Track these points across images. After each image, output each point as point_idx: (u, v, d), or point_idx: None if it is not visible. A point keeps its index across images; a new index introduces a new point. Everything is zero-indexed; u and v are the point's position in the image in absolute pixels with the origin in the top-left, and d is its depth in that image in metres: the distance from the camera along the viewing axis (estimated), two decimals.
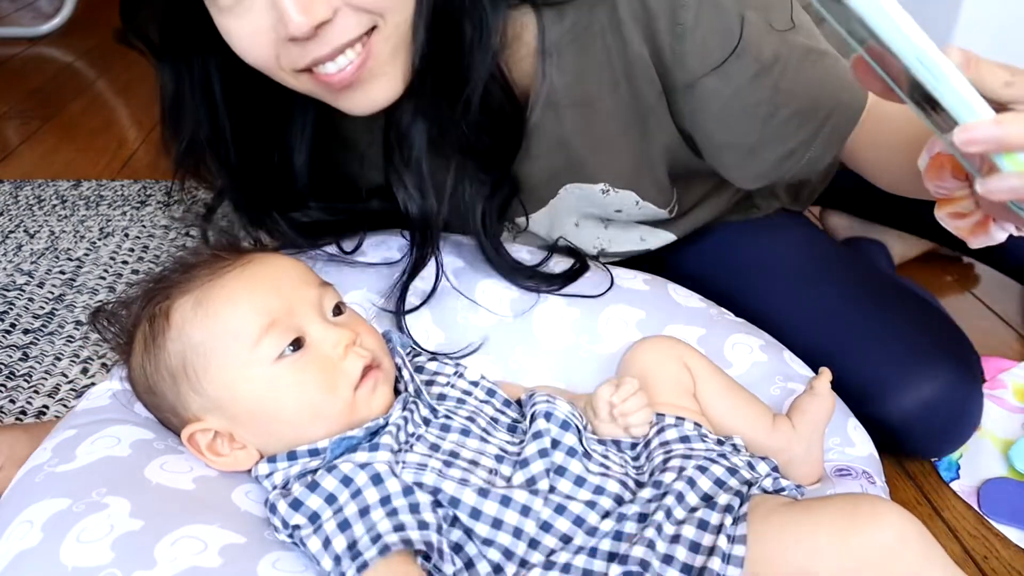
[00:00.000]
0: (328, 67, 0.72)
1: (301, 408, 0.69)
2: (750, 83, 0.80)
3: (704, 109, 0.83)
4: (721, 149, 0.86)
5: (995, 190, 0.51)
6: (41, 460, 0.70)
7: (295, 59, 0.72)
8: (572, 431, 0.71)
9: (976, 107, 0.49)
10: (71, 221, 1.54)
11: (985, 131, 0.48)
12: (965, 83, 0.49)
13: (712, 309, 0.98)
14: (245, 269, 0.72)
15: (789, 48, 0.79)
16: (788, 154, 0.84)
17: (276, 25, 0.69)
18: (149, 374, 0.71)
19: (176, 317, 0.70)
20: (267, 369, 0.68)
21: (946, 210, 0.64)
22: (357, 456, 0.66)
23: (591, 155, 0.90)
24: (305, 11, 0.66)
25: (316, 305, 0.72)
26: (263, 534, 0.66)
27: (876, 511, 0.63)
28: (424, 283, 0.93)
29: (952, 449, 0.98)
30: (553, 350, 0.92)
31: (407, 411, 0.71)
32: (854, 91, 0.81)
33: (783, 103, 0.81)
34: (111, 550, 0.60)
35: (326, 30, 0.69)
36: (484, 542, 0.65)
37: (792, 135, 0.82)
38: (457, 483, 0.65)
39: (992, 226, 0.62)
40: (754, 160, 0.86)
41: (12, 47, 2.56)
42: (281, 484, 0.68)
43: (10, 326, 1.23)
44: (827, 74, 0.81)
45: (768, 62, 0.79)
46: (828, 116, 0.81)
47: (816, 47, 0.81)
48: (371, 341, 0.73)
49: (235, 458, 0.71)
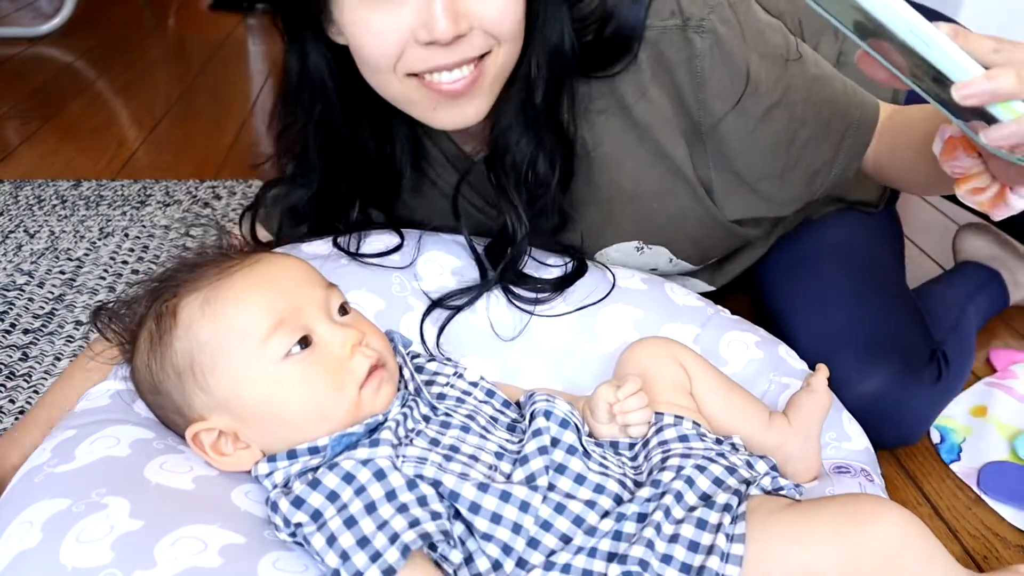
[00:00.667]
0: (443, 76, 0.78)
1: (307, 406, 0.69)
2: (765, 115, 0.87)
3: (730, 147, 0.90)
4: (757, 181, 0.93)
5: (997, 138, 0.56)
6: (40, 460, 0.71)
7: (417, 62, 0.78)
8: (571, 429, 0.71)
9: (968, 67, 0.55)
10: (71, 221, 1.55)
11: (979, 85, 0.54)
12: (955, 48, 0.55)
13: (709, 308, 0.98)
14: (253, 268, 0.72)
15: (797, 79, 0.87)
16: (815, 173, 0.91)
17: (417, 28, 0.75)
18: (155, 372, 0.71)
19: (183, 315, 0.70)
20: (275, 367, 0.69)
21: (965, 187, 0.68)
22: (358, 453, 0.66)
23: (623, 208, 0.96)
24: (454, 20, 0.74)
25: (323, 305, 0.72)
26: (263, 534, 0.66)
27: (876, 511, 0.63)
28: (424, 284, 0.93)
29: (900, 443, 1.00)
30: (551, 350, 0.93)
31: (407, 408, 0.72)
32: (864, 107, 0.89)
33: (800, 128, 0.88)
34: (111, 550, 0.61)
35: (459, 43, 0.76)
36: (484, 536, 0.65)
37: (814, 156, 0.90)
38: (457, 477, 0.66)
39: (1010, 196, 0.66)
40: (785, 185, 0.92)
41: (12, 47, 2.56)
42: (282, 483, 0.68)
43: (10, 326, 1.23)
44: (836, 95, 0.88)
45: (779, 94, 0.86)
46: (845, 133, 0.89)
47: (821, 73, 0.89)
48: (377, 341, 0.74)
49: (239, 458, 0.71)
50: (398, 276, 0.93)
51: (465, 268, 0.95)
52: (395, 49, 0.77)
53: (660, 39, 0.85)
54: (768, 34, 0.87)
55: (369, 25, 0.77)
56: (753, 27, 0.86)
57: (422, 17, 0.74)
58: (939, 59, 0.55)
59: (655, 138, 0.90)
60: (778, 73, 0.86)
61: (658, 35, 0.85)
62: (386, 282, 0.93)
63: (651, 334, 0.91)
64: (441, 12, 0.73)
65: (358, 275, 0.92)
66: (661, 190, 0.93)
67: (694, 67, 0.85)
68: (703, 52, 0.84)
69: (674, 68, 0.86)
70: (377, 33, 0.77)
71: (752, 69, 0.85)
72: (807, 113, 0.88)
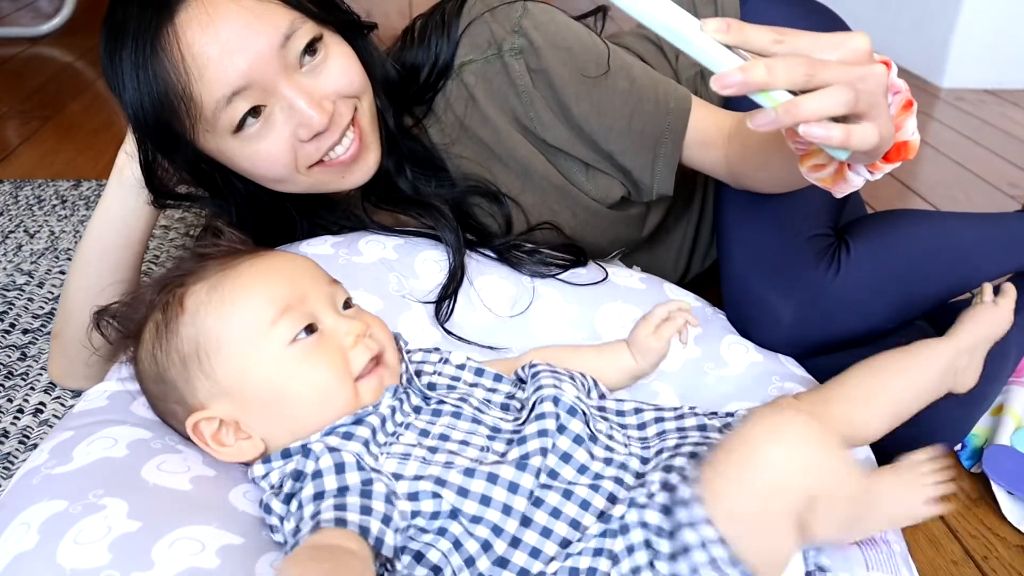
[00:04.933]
0: (337, 150, 0.87)
1: (311, 391, 0.69)
2: (580, 129, 0.95)
3: (565, 151, 0.98)
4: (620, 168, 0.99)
5: (758, 124, 0.60)
6: (38, 462, 0.70)
7: (311, 155, 0.86)
8: (579, 417, 0.70)
9: (724, 60, 0.59)
10: (71, 221, 1.55)
11: (731, 77, 0.57)
12: (711, 43, 0.59)
13: (708, 308, 0.98)
14: (259, 260, 0.74)
15: (607, 92, 0.94)
16: (635, 182, 0.99)
17: (296, 131, 0.83)
18: (160, 360, 0.71)
19: (190, 303, 0.71)
20: (281, 351, 0.69)
21: (807, 164, 0.72)
22: (330, 439, 0.67)
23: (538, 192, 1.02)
24: (320, 108, 0.82)
25: (328, 298, 0.73)
26: (261, 534, 0.66)
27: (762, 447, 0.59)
28: (421, 283, 0.93)
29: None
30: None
31: (396, 399, 0.72)
32: (675, 113, 0.94)
33: (614, 140, 0.95)
34: (109, 551, 0.60)
35: (333, 119, 0.84)
36: (472, 519, 0.64)
37: (632, 164, 0.97)
38: (442, 467, 0.66)
39: (849, 173, 0.70)
40: (634, 173, 0.98)
41: (12, 47, 2.57)
42: (276, 484, 0.68)
43: (9, 326, 1.23)
44: (646, 105, 0.94)
45: (588, 105, 0.94)
46: (659, 139, 0.95)
47: (629, 87, 0.94)
48: (381, 332, 0.75)
49: (240, 448, 0.71)
50: (395, 276, 0.93)
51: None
52: (286, 157, 0.84)
53: (486, 70, 0.95)
54: (576, 51, 0.93)
55: (257, 154, 0.84)
56: (561, 44, 0.93)
57: (294, 122, 0.83)
58: (698, 54, 0.59)
59: (511, 156, 0.98)
60: (587, 90, 0.93)
61: (483, 67, 0.94)
62: (384, 282, 0.93)
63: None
64: (309, 108, 0.82)
65: (357, 275, 0.92)
66: (544, 183, 1.00)
67: (519, 88, 0.94)
68: (522, 72, 0.94)
69: (506, 93, 0.95)
70: (267, 154, 0.84)
71: (564, 82, 0.93)
72: (618, 124, 0.94)
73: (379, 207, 0.99)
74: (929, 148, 2.01)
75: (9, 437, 1.02)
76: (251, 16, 0.79)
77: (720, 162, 0.95)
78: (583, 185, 1.00)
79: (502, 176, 0.99)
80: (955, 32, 2.40)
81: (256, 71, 0.79)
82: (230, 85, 0.79)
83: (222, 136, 0.83)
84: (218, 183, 0.91)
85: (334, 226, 1.01)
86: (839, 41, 0.60)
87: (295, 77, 0.82)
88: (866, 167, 0.69)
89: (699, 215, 1.17)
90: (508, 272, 0.96)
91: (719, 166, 0.96)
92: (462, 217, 0.98)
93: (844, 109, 0.59)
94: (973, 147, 2.03)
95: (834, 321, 0.96)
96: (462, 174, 0.99)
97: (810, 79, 0.58)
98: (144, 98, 0.81)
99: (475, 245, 0.98)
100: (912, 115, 0.68)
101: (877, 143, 0.62)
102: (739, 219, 1.02)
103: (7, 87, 2.25)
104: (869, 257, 0.97)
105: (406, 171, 0.96)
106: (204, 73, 0.78)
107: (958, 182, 1.84)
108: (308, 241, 0.97)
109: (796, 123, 0.59)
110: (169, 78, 0.79)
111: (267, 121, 0.82)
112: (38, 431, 1.03)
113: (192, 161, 0.87)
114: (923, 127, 2.13)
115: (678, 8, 0.59)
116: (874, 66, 0.61)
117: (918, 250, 1.00)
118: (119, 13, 0.81)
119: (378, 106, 0.92)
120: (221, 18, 0.78)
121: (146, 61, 0.79)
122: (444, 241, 0.96)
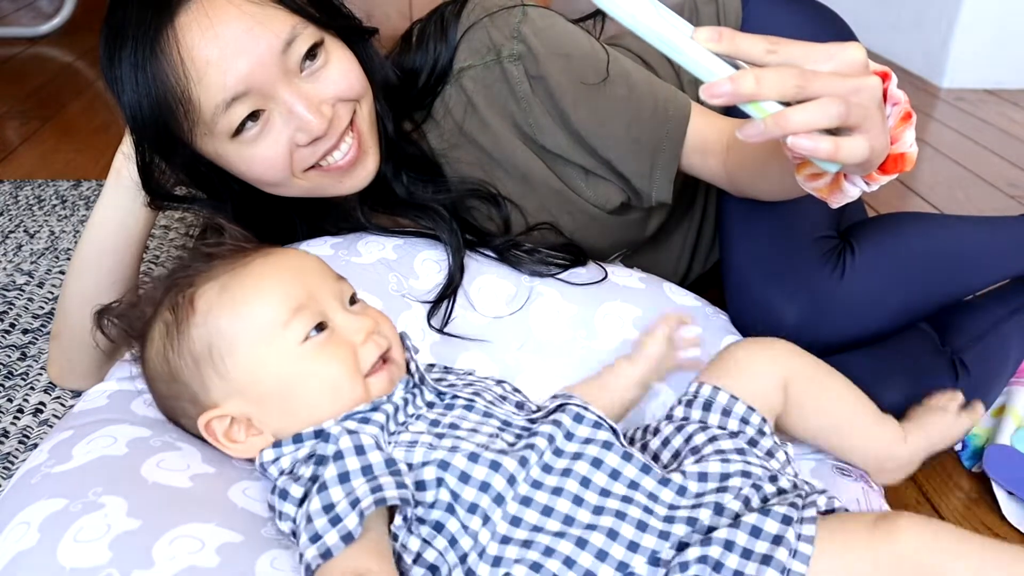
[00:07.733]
0: (335, 155, 0.86)
1: (323, 388, 0.70)
2: (579, 135, 0.95)
3: (564, 156, 0.97)
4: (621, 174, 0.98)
5: (747, 135, 0.59)
6: (38, 461, 0.71)
7: (308, 158, 0.85)
8: (605, 429, 0.70)
9: (714, 70, 0.58)
10: (71, 221, 1.55)
11: (721, 87, 0.57)
12: (702, 52, 0.58)
13: (707, 308, 0.98)
14: (268, 259, 0.74)
15: (606, 99, 0.94)
16: (635, 191, 0.98)
17: (294, 135, 0.83)
18: (172, 360, 0.72)
19: (201, 303, 0.71)
20: (293, 349, 0.70)
21: (804, 172, 0.71)
22: (348, 423, 0.67)
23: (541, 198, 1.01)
24: (319, 113, 0.82)
25: (337, 295, 0.74)
26: (260, 532, 0.66)
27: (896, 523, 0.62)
28: (421, 283, 0.93)
29: None
30: (550, 346, 0.93)
31: (409, 394, 0.72)
32: (673, 120, 0.94)
33: (611, 148, 0.95)
34: (109, 550, 0.61)
35: (331, 123, 0.84)
36: (469, 509, 0.64)
37: (630, 171, 0.96)
38: (447, 451, 0.66)
39: (845, 183, 0.69)
40: (633, 179, 0.97)
41: (12, 47, 2.57)
42: (288, 468, 0.68)
43: (9, 326, 1.23)
44: (643, 113, 0.94)
45: (586, 112, 0.94)
46: (658, 147, 0.94)
47: (627, 93, 0.94)
48: (388, 329, 0.75)
49: (251, 444, 0.71)
50: (395, 276, 0.93)
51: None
52: (283, 161, 0.84)
53: (485, 76, 0.94)
54: (575, 57, 0.93)
55: (255, 158, 0.84)
56: (560, 50, 0.93)
57: (292, 127, 0.82)
58: (688, 63, 0.59)
59: (511, 161, 0.98)
60: (585, 97, 0.93)
61: (482, 72, 0.94)
62: (383, 282, 0.93)
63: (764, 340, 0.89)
64: (308, 113, 0.81)
65: (356, 275, 0.92)
66: (545, 189, 1.00)
67: (517, 94, 0.94)
68: (521, 78, 0.93)
69: (505, 99, 0.95)
70: (264, 159, 0.84)
71: (562, 89, 0.92)
72: (616, 131, 0.94)
73: (376, 211, 0.99)
74: (929, 148, 2.01)
75: (9, 437, 1.02)
76: (252, 21, 0.79)
77: (720, 170, 0.94)
78: (583, 191, 1.00)
79: (501, 181, 0.99)
80: (955, 32, 2.40)
81: (256, 77, 0.79)
82: (230, 90, 0.79)
83: (220, 139, 0.83)
84: (215, 185, 0.91)
85: (333, 228, 1.01)
86: (833, 52, 0.60)
87: (295, 82, 0.82)
88: (862, 178, 0.69)
89: (701, 216, 1.17)
90: (508, 271, 0.96)
91: (719, 174, 0.95)
92: (460, 220, 0.98)
93: (834, 122, 0.58)
94: (973, 147, 2.03)
95: (836, 324, 0.96)
96: (460, 178, 0.99)
97: (801, 90, 0.57)
98: (142, 100, 0.81)
99: (474, 245, 0.98)
100: (911, 127, 0.67)
101: (868, 156, 0.61)
102: (742, 220, 1.01)
103: (7, 87, 2.25)
104: (874, 261, 0.97)
105: (403, 176, 0.96)
106: (203, 77, 0.78)
107: (958, 182, 1.84)
108: (307, 242, 0.97)
109: (784, 135, 0.58)
110: (168, 81, 0.79)
111: (266, 125, 0.82)
112: (38, 431, 1.03)
113: (189, 163, 0.87)
114: (923, 127, 2.13)
115: (670, 15, 0.58)
116: (868, 78, 0.60)
117: (923, 254, 0.99)
118: (119, 14, 0.81)
119: (377, 111, 0.92)
120: (221, 22, 0.78)
121: (145, 63, 0.79)
122: (443, 241, 0.96)
